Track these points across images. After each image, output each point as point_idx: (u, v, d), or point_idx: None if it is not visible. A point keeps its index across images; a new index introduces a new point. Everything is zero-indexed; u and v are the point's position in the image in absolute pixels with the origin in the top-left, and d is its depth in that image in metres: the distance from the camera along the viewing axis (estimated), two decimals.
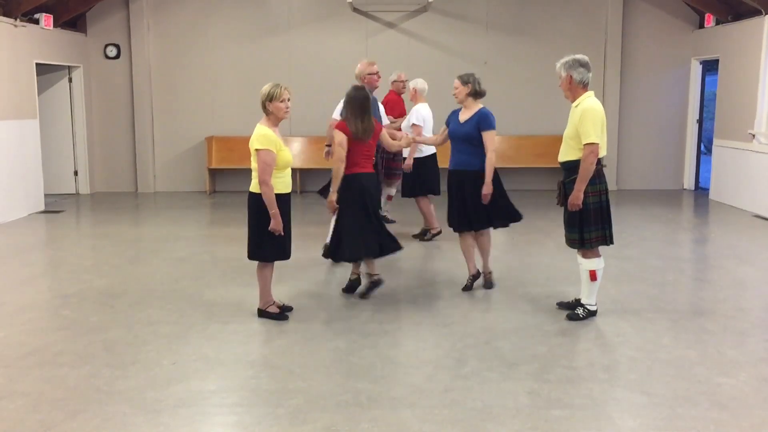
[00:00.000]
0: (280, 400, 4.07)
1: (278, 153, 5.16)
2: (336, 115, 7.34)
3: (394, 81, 9.05)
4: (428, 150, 8.00)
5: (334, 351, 4.87)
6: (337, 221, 5.99)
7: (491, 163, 5.92)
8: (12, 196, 9.86)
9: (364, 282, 6.16)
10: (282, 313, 5.54)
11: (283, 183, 5.28)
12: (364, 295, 6.09)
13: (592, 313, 5.47)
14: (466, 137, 5.98)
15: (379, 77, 7.42)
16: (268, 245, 5.30)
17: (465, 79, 6.04)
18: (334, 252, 6.00)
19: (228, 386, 4.33)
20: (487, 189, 5.91)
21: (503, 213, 6.16)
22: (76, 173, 12.24)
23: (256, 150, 5.13)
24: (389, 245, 6.02)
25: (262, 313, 5.52)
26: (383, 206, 7.97)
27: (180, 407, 4.00)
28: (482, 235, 6.25)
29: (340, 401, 4.06)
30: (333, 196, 5.83)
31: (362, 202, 5.83)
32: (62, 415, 3.89)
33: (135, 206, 11.28)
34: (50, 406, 4.00)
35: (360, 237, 5.83)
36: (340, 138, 5.79)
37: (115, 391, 4.19)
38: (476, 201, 5.96)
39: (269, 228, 5.18)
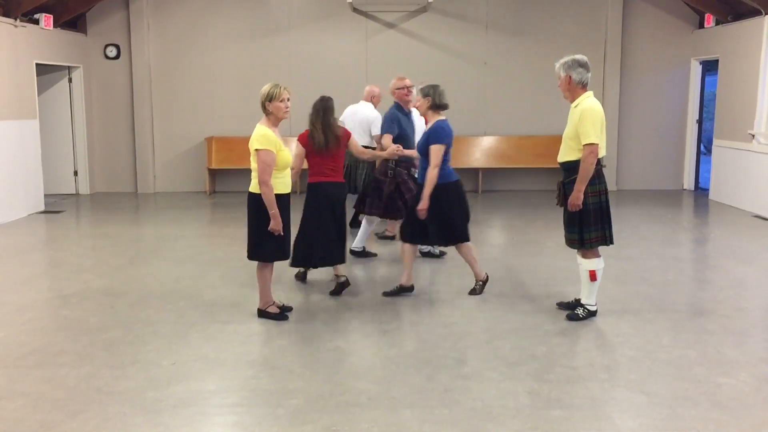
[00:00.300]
0: (280, 400, 4.07)
1: (278, 153, 5.16)
2: (375, 130, 7.65)
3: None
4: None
5: (334, 351, 4.87)
6: (300, 226, 5.94)
7: (430, 178, 5.69)
8: (12, 196, 9.86)
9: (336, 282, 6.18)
10: (282, 314, 5.53)
11: (282, 183, 5.28)
12: (333, 294, 6.11)
13: (591, 314, 5.47)
14: (421, 151, 5.90)
15: (410, 92, 7.15)
16: (267, 245, 5.29)
17: (425, 92, 5.92)
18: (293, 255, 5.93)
19: (228, 386, 4.33)
20: (421, 205, 5.71)
21: (440, 233, 5.92)
22: (76, 173, 12.24)
23: (256, 150, 5.12)
24: (337, 256, 5.96)
25: (262, 314, 5.52)
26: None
27: (180, 407, 4.00)
28: (458, 248, 6.09)
29: (340, 401, 4.06)
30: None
31: (326, 210, 5.83)
32: (62, 415, 3.89)
33: (135, 206, 11.28)
34: (50, 406, 4.00)
35: (313, 246, 5.85)
36: (298, 150, 5.86)
37: (115, 391, 4.19)
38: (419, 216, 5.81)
39: (269, 228, 5.18)
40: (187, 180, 12.59)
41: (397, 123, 7.02)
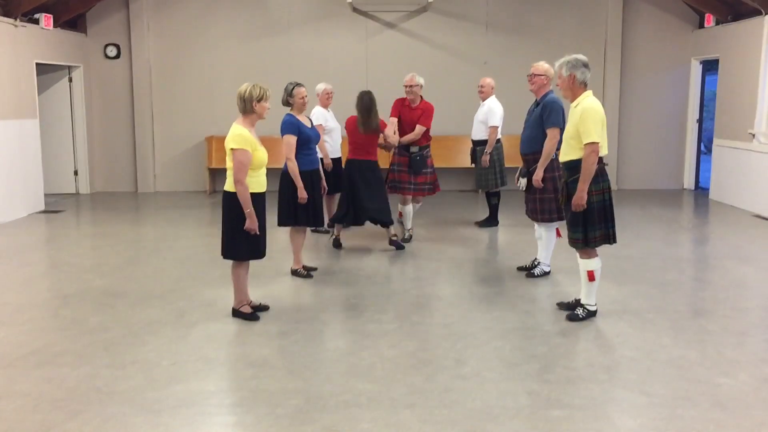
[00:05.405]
0: (280, 400, 4.07)
1: (254, 153, 5.17)
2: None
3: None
4: (336, 153, 8.44)
5: (334, 351, 4.87)
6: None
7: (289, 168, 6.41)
8: (12, 196, 9.86)
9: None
10: (254, 313, 5.51)
11: (257, 182, 5.27)
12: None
13: (591, 314, 5.47)
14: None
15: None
16: (241, 244, 5.28)
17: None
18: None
19: (228, 386, 4.34)
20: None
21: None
22: (76, 173, 12.24)
23: (232, 149, 5.14)
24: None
25: (236, 313, 5.51)
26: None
27: (180, 407, 4.00)
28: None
29: (340, 401, 4.06)
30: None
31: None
32: (62, 415, 3.89)
33: (135, 206, 11.28)
34: (50, 406, 4.00)
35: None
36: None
37: (115, 391, 4.19)
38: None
39: (244, 227, 5.17)
40: (187, 179, 12.59)
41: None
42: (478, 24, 12.34)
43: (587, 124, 5.08)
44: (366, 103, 7.29)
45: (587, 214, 5.21)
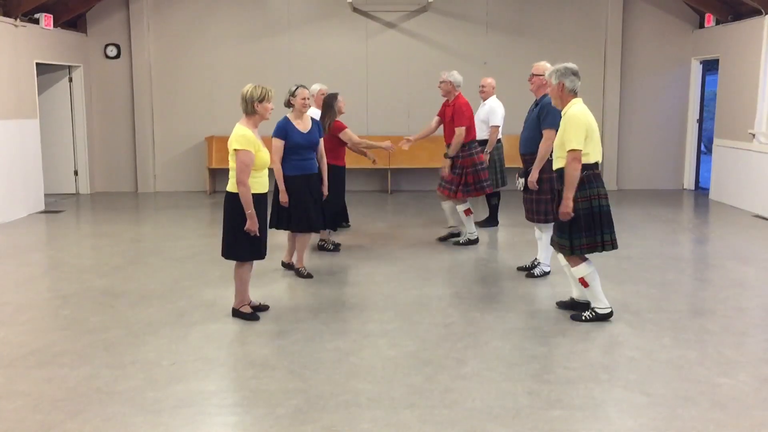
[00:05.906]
0: (280, 400, 4.07)
1: (256, 154, 5.18)
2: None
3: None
4: None
5: (334, 351, 4.87)
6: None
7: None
8: (12, 196, 9.86)
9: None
10: (254, 313, 5.51)
11: (259, 183, 5.28)
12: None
13: (601, 317, 5.38)
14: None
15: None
16: (243, 244, 5.29)
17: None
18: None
19: (228, 386, 4.34)
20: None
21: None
22: (76, 173, 12.24)
23: (235, 150, 5.15)
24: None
25: (236, 313, 5.52)
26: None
27: (180, 407, 4.00)
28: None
29: (340, 401, 4.06)
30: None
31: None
32: (62, 415, 3.89)
33: (135, 206, 11.28)
34: (50, 406, 4.00)
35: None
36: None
37: (115, 392, 4.19)
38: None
39: (245, 228, 5.18)
40: (187, 180, 12.59)
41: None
42: (478, 24, 12.34)
43: (568, 132, 5.09)
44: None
45: (572, 221, 5.18)
